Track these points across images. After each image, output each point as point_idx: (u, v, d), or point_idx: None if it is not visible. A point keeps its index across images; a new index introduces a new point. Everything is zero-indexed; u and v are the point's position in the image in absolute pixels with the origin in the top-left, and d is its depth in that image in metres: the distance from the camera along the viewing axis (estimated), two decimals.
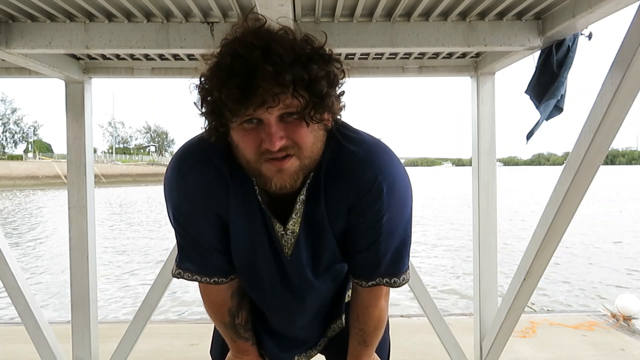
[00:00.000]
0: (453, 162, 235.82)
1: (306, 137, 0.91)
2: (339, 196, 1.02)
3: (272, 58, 0.83)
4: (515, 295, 2.39)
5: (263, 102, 0.85)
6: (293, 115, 0.89)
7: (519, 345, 3.65)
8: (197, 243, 1.10)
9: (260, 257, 1.11)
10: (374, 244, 1.07)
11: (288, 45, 0.86)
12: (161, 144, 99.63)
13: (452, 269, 9.56)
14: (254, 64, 0.83)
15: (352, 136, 1.03)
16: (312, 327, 1.30)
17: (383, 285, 1.13)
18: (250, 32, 0.88)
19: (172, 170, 1.05)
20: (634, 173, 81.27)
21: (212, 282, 1.14)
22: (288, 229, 1.06)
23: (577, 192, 2.04)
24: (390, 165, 1.02)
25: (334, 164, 1.01)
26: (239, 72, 0.84)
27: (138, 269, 9.51)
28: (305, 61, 0.86)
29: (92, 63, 2.74)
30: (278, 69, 0.83)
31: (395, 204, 1.03)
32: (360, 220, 1.05)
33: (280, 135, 0.89)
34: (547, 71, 2.18)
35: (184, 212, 1.07)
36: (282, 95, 0.85)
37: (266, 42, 0.85)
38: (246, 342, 1.25)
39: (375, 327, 1.21)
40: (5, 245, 2.58)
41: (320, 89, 0.88)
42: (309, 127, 0.91)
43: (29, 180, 43.73)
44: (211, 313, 1.23)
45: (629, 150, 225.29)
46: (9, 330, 4.08)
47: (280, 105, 0.86)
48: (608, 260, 10.35)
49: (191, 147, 1.06)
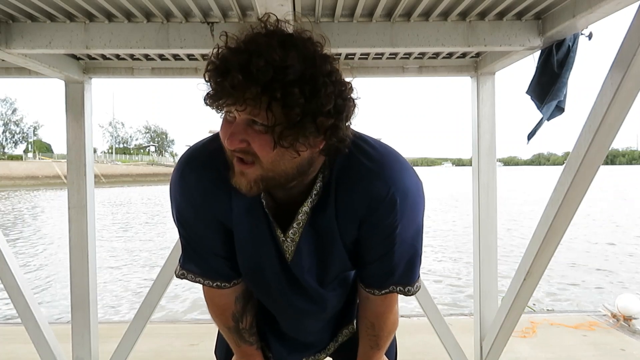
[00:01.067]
0: (453, 162, 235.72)
1: (264, 151, 0.88)
2: (350, 207, 1.01)
3: (248, 68, 0.82)
4: (515, 295, 2.39)
5: (234, 101, 0.85)
6: (259, 124, 0.86)
7: (519, 345, 3.65)
8: (199, 246, 1.10)
9: (265, 261, 1.10)
10: (387, 254, 1.06)
11: (277, 60, 0.82)
12: (161, 144, 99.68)
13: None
14: (231, 67, 0.83)
15: (364, 146, 1.01)
16: (323, 332, 1.30)
17: (396, 293, 1.13)
18: (251, 36, 0.87)
19: (176, 173, 1.05)
20: (634, 173, 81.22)
21: (214, 286, 1.13)
22: (288, 237, 1.06)
23: (577, 192, 2.04)
24: (403, 175, 1.01)
25: (346, 175, 1.00)
26: (220, 69, 0.84)
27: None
28: (290, 83, 0.82)
29: (92, 63, 2.74)
30: (249, 79, 0.81)
31: (408, 215, 1.02)
32: (374, 231, 1.04)
33: (241, 138, 0.87)
34: (547, 71, 2.18)
35: (186, 215, 1.07)
36: (251, 104, 0.83)
37: (256, 50, 0.83)
38: (250, 346, 1.24)
39: (390, 331, 1.22)
40: (5, 245, 2.58)
41: (293, 116, 0.84)
42: (276, 145, 0.87)
43: (29, 180, 43.73)
44: (215, 317, 1.22)
45: (629, 150, 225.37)
46: (9, 330, 4.08)
47: (246, 110, 0.85)
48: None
49: (195, 151, 1.06)
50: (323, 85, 0.85)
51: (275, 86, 0.82)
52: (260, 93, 0.82)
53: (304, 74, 0.83)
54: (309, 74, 0.84)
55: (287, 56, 0.83)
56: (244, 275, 1.14)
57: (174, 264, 2.93)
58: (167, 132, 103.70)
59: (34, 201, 27.99)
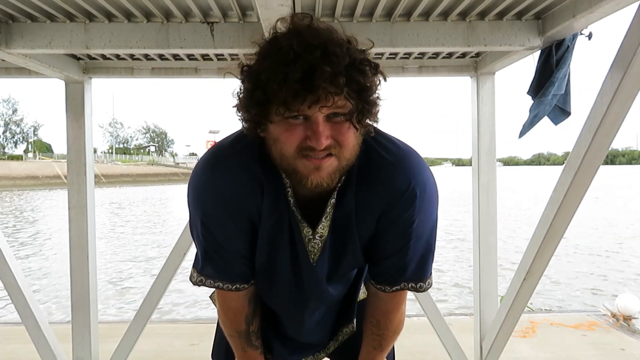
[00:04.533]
0: (453, 162, 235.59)
1: (350, 139, 0.92)
2: (370, 201, 1.02)
3: (331, 59, 0.84)
4: (515, 295, 2.39)
5: (317, 100, 0.85)
6: (340, 116, 0.89)
7: (519, 345, 3.65)
8: (224, 249, 1.08)
9: (280, 261, 1.10)
10: (403, 249, 1.06)
11: (344, 47, 0.87)
12: (161, 144, 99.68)
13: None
14: (314, 63, 0.83)
15: (383, 142, 1.03)
16: (321, 330, 1.30)
17: (407, 290, 1.13)
18: (307, 30, 0.88)
19: (203, 175, 1.03)
20: (634, 173, 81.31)
21: (233, 288, 1.12)
22: (317, 233, 1.06)
23: (577, 192, 2.04)
24: (422, 170, 1.03)
25: (366, 169, 1.01)
26: (300, 68, 0.84)
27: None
28: (359, 65, 0.88)
29: (92, 63, 2.74)
30: (335, 70, 0.84)
31: (425, 209, 1.03)
32: (391, 226, 1.04)
33: (327, 134, 0.89)
34: (547, 72, 2.18)
35: (216, 216, 1.04)
36: (335, 96, 0.85)
37: (324, 42, 0.86)
38: (256, 350, 1.23)
39: (394, 331, 1.21)
40: (5, 245, 2.58)
41: (371, 96, 0.90)
42: (356, 130, 0.92)
43: (29, 180, 43.72)
44: (227, 321, 1.20)
45: (629, 150, 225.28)
46: (9, 330, 4.08)
47: (332, 105, 0.86)
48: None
49: (223, 150, 1.04)
50: (374, 63, 0.91)
51: (353, 71, 0.86)
52: (344, 83, 0.85)
53: (363, 56, 0.89)
54: (363, 55, 0.90)
55: (349, 43, 0.89)
56: (257, 272, 1.13)
57: (174, 264, 2.93)
58: (167, 132, 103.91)
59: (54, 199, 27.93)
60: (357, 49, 0.90)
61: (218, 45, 2.12)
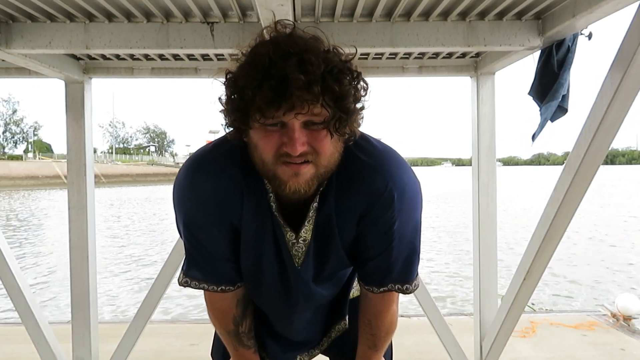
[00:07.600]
0: (453, 162, 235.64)
1: (326, 147, 0.92)
2: (350, 204, 1.03)
3: (306, 67, 0.84)
4: (515, 295, 2.39)
5: (292, 107, 0.86)
6: (317, 124, 0.90)
7: (519, 345, 3.65)
8: (208, 252, 1.09)
9: (266, 265, 1.11)
10: (386, 251, 1.07)
11: (320, 55, 0.87)
12: (161, 144, 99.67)
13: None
14: (289, 71, 0.84)
15: (363, 144, 1.03)
16: (313, 328, 1.30)
17: (394, 291, 1.13)
18: (286, 38, 0.89)
19: (185, 179, 1.04)
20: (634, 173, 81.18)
21: (219, 290, 1.13)
22: (300, 237, 1.06)
23: (577, 192, 2.04)
24: (400, 171, 1.03)
25: (345, 173, 1.01)
26: (274, 76, 0.84)
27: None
28: (337, 74, 0.88)
29: (92, 63, 2.74)
30: (310, 78, 0.84)
31: (406, 211, 1.04)
32: (372, 228, 1.05)
33: (303, 141, 0.89)
34: (548, 72, 2.18)
35: (197, 221, 1.06)
36: (311, 104, 0.86)
37: (301, 50, 0.86)
38: (248, 350, 1.24)
39: (387, 331, 1.22)
40: (5, 245, 2.58)
41: (348, 104, 0.90)
42: (332, 138, 0.92)
43: (29, 180, 43.72)
44: (215, 321, 1.22)
45: (629, 150, 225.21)
46: (9, 330, 4.08)
47: (308, 113, 0.87)
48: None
49: (205, 155, 1.05)
50: (355, 71, 0.92)
51: (330, 80, 0.86)
52: (319, 91, 0.85)
53: (342, 65, 0.90)
54: (343, 64, 0.90)
55: (328, 52, 0.89)
56: (244, 274, 1.14)
57: (174, 264, 2.93)
58: (167, 132, 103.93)
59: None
60: (338, 58, 0.90)
61: (218, 46, 2.12)
